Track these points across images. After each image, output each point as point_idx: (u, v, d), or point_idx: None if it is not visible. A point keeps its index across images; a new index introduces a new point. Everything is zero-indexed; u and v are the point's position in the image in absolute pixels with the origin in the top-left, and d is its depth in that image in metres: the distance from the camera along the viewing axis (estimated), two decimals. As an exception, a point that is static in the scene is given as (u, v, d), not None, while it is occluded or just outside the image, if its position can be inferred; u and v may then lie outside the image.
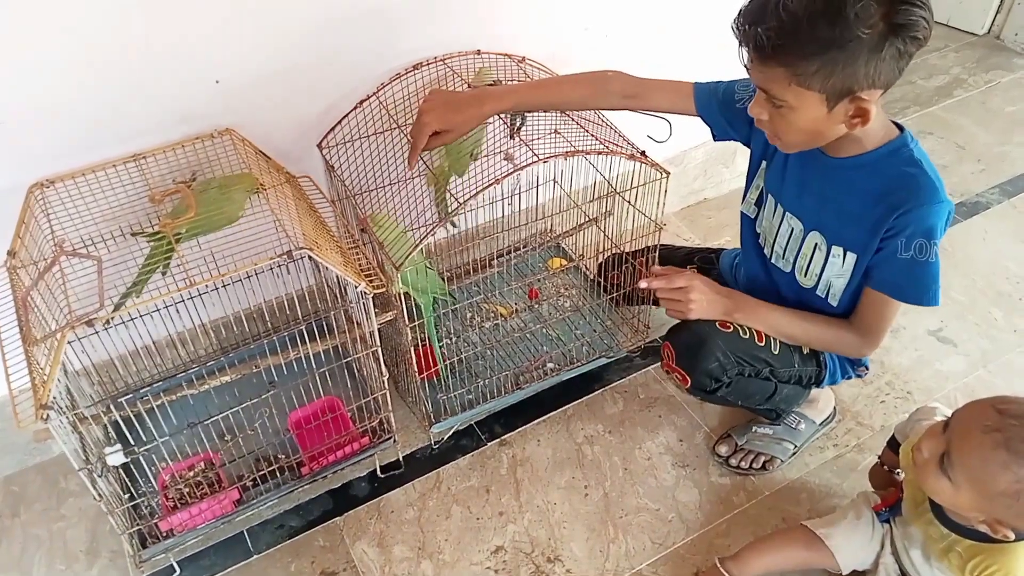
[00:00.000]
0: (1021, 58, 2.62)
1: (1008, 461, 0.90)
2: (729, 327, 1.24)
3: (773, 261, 1.30)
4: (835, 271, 1.19)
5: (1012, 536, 0.96)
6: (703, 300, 1.22)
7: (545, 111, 1.36)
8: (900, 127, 1.12)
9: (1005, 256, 1.86)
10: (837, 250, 1.18)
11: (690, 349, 1.25)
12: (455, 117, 1.22)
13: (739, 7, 1.01)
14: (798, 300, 1.27)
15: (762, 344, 1.25)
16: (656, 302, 1.30)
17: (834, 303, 1.23)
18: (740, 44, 1.01)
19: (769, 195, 1.28)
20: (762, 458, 1.41)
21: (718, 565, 1.22)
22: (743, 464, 1.41)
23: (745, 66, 1.04)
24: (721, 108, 1.28)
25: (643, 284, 1.24)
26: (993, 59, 2.62)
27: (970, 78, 2.52)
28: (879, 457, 1.31)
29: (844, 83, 0.97)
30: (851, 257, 1.16)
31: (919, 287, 1.12)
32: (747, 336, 1.24)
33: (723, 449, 1.43)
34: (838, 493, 1.39)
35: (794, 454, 1.42)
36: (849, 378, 1.37)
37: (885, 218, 1.09)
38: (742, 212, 1.36)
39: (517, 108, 1.30)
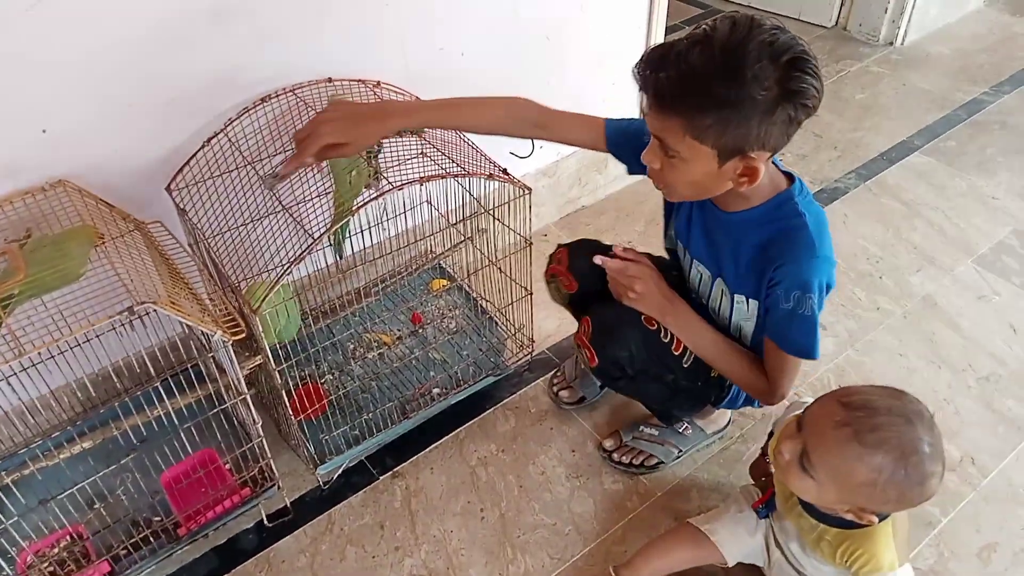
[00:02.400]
0: (866, 47, 2.79)
1: (862, 453, 0.93)
2: (653, 324, 1.23)
3: (694, 296, 1.31)
4: (742, 316, 1.21)
5: (876, 520, 1.00)
6: (645, 294, 1.21)
7: (450, 130, 1.33)
8: (791, 177, 1.13)
9: (864, 238, 1.96)
10: (740, 297, 1.19)
11: (606, 330, 1.24)
12: (355, 131, 1.15)
13: (635, 55, 1.01)
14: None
15: (677, 353, 1.24)
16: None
17: (748, 344, 1.24)
18: (640, 89, 1.01)
19: (679, 241, 1.30)
20: (643, 457, 1.43)
21: (612, 574, 1.23)
22: (624, 460, 1.43)
23: (642, 112, 1.04)
24: (633, 148, 1.25)
25: (597, 260, 1.22)
26: (842, 50, 2.78)
27: (823, 68, 2.64)
28: (761, 449, 1.34)
29: (735, 142, 0.98)
30: (753, 304, 1.18)
31: (797, 339, 1.12)
32: (667, 340, 1.23)
33: (608, 443, 1.45)
34: (726, 485, 1.42)
35: (677, 458, 1.44)
36: (749, 406, 1.39)
37: (767, 269, 1.11)
38: (667, 248, 1.37)
39: (422, 126, 1.27)
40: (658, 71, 0.98)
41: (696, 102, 0.96)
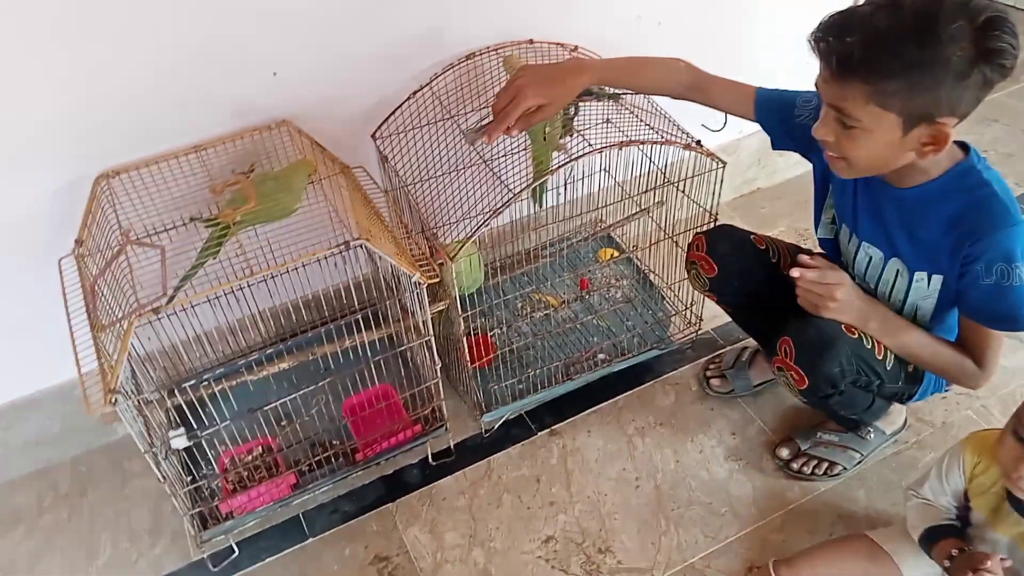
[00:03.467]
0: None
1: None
2: (855, 332, 1.16)
3: (857, 282, 1.23)
4: (921, 294, 1.15)
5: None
6: (845, 301, 1.13)
7: (623, 89, 1.34)
8: (965, 146, 1.07)
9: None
10: (920, 275, 1.14)
11: (814, 348, 1.16)
12: (556, 90, 1.16)
13: (819, 19, 0.97)
14: None
15: (880, 357, 1.17)
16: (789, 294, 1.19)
17: (928, 324, 1.18)
18: (820, 57, 0.97)
19: (843, 224, 1.24)
20: (824, 464, 1.37)
21: (770, 568, 1.20)
22: (804, 469, 1.37)
23: (817, 84, 1.00)
24: (781, 119, 1.24)
25: (795, 273, 1.13)
26: (1064, 42, 2.51)
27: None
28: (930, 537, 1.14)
29: (925, 107, 0.94)
30: (936, 279, 1.13)
31: (1007, 313, 1.07)
32: (870, 346, 1.17)
33: (784, 452, 1.39)
34: (896, 491, 1.35)
35: (859, 463, 1.38)
36: (937, 393, 1.32)
37: (961, 245, 1.06)
38: (819, 237, 1.32)
39: (606, 83, 1.28)
40: (842, 36, 0.93)
41: (884, 66, 0.91)
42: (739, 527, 1.32)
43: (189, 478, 1.26)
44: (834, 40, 0.94)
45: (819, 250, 1.37)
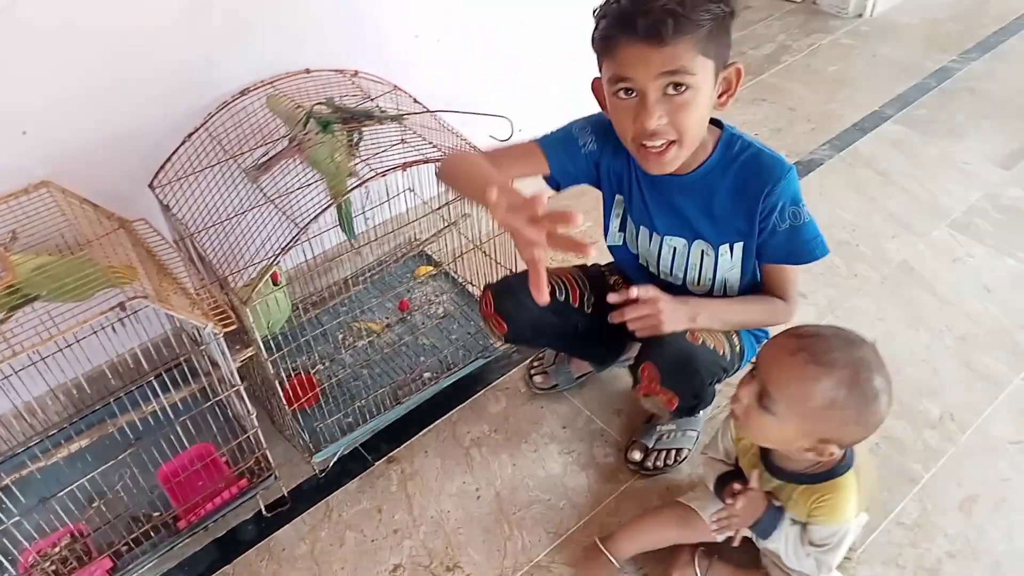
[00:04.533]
0: (836, 20, 2.82)
1: (819, 374, 0.96)
2: (698, 338, 1.19)
3: (663, 278, 1.30)
4: (726, 267, 1.23)
5: (838, 453, 1.02)
6: (670, 310, 1.15)
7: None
8: (718, 123, 1.17)
9: (840, 207, 1.99)
10: (724, 248, 1.21)
11: (677, 367, 1.19)
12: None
13: (597, 10, 1.02)
14: None
15: (722, 353, 1.23)
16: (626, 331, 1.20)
17: (737, 293, 1.26)
18: (635, 37, 0.98)
19: (640, 226, 1.28)
20: (673, 452, 1.43)
21: (598, 543, 1.26)
22: (658, 464, 1.42)
23: (625, 73, 1.01)
24: (571, 158, 1.25)
25: (616, 319, 1.16)
26: (812, 24, 2.81)
27: (794, 43, 2.69)
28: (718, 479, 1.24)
29: (725, 50, 1.03)
30: (738, 247, 1.20)
31: (806, 248, 1.17)
32: (712, 347, 1.21)
33: (636, 455, 1.43)
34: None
35: (698, 439, 1.46)
36: (748, 363, 1.36)
37: (755, 204, 1.15)
38: (609, 245, 1.35)
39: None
40: (653, 3, 0.97)
41: (698, 15, 0.98)
42: (578, 517, 1.37)
43: (-16, 586, 1.14)
44: (650, 11, 0.97)
45: (608, 257, 1.42)
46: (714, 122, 1.17)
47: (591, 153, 1.23)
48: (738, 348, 1.29)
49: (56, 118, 1.21)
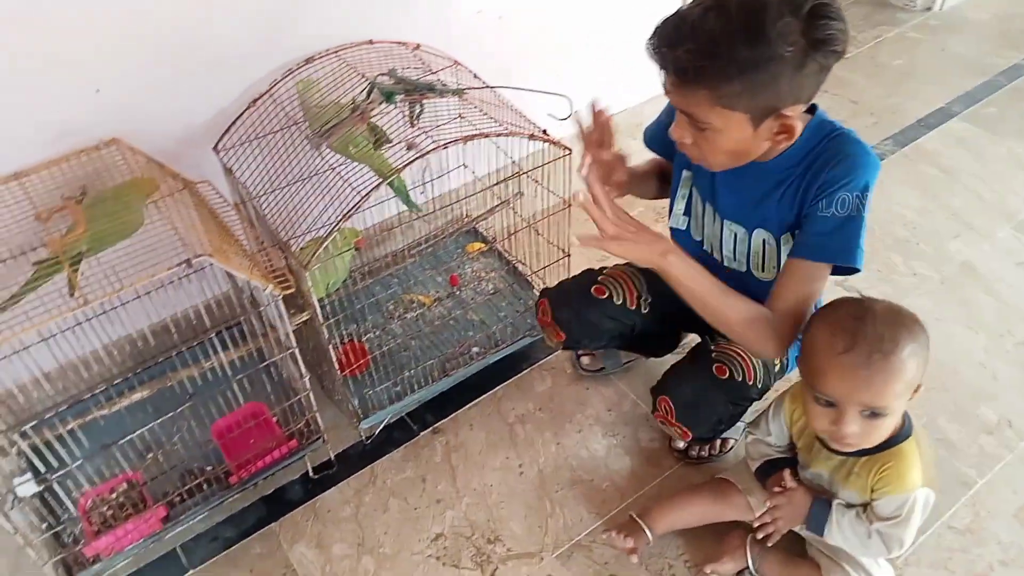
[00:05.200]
0: (904, 12, 2.74)
1: (897, 355, 0.96)
2: (725, 371, 1.19)
3: (726, 264, 1.26)
4: None
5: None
6: (627, 239, 1.08)
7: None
8: (811, 108, 1.08)
9: (901, 204, 1.95)
10: (786, 236, 1.15)
11: (692, 406, 1.21)
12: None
13: (653, 27, 0.97)
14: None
15: (751, 383, 1.20)
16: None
17: None
18: (659, 67, 0.98)
19: (705, 203, 1.25)
20: (718, 443, 1.42)
21: (634, 516, 1.26)
22: (702, 453, 1.41)
23: (665, 89, 1.01)
24: (667, 142, 1.22)
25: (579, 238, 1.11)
26: (878, 16, 2.73)
27: (858, 35, 2.62)
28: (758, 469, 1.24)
29: (768, 102, 0.96)
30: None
31: (843, 246, 1.05)
32: (740, 379, 1.19)
33: (680, 443, 1.42)
34: (761, 444, 1.44)
35: (744, 430, 1.43)
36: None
37: (812, 183, 1.06)
38: (671, 227, 1.32)
39: (631, 184, 1.28)
40: (675, 46, 0.93)
41: (721, 71, 0.92)
42: (620, 499, 1.37)
43: (45, 525, 1.18)
44: (668, 51, 0.94)
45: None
46: (809, 107, 1.08)
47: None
48: (777, 366, 1.26)
49: (128, 78, 1.24)
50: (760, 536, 1.16)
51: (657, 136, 1.28)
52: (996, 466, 1.38)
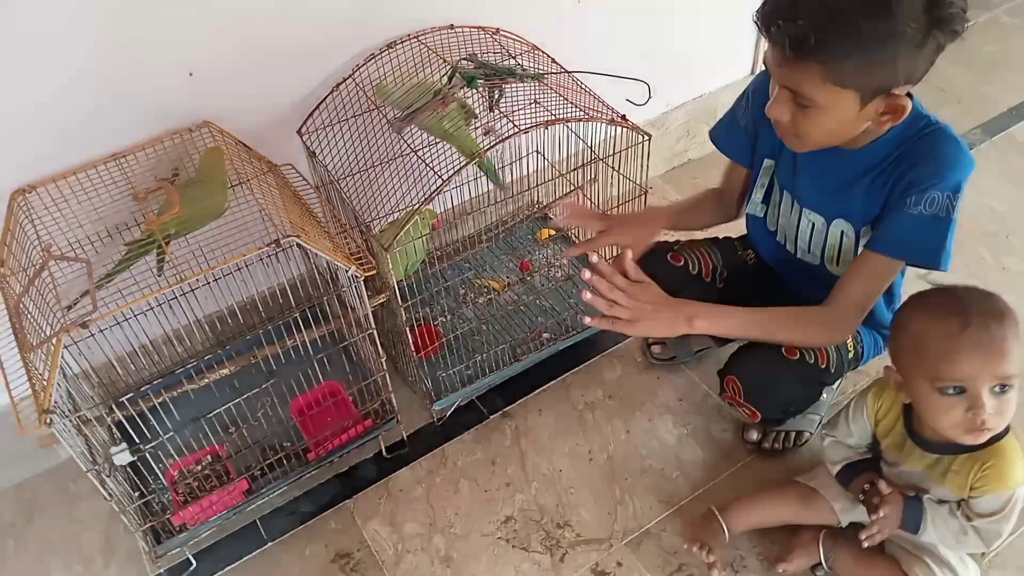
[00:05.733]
0: (997, -4, 2.61)
1: (997, 322, 0.97)
2: (796, 353, 1.16)
3: (799, 256, 1.25)
4: None
5: None
6: (647, 313, 1.09)
7: (688, 229, 1.44)
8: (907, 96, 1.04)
9: (990, 196, 1.87)
10: (865, 230, 1.13)
11: (760, 385, 1.20)
12: (632, 233, 1.29)
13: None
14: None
15: (824, 366, 1.18)
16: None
17: None
18: (769, 42, 0.95)
19: (784, 192, 1.23)
20: (792, 435, 1.39)
21: (713, 510, 1.25)
22: (776, 445, 1.38)
23: (766, 64, 0.99)
24: (742, 144, 1.25)
25: (587, 321, 1.14)
26: (969, -2, 2.61)
27: (947, 19, 2.51)
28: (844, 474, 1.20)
29: (883, 80, 0.94)
30: None
31: (929, 246, 1.04)
32: (812, 360, 1.17)
33: (753, 435, 1.39)
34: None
35: (820, 424, 1.41)
36: (876, 356, 1.32)
37: (902, 177, 1.04)
38: (748, 213, 1.32)
39: (675, 227, 1.39)
40: (793, 18, 0.91)
41: (840, 46, 0.90)
42: (691, 490, 1.36)
43: (137, 494, 1.23)
44: (785, 23, 0.91)
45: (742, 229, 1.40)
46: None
47: (748, 124, 1.20)
48: (852, 353, 1.23)
49: (220, 62, 1.27)
50: (865, 545, 1.12)
51: (733, 135, 1.26)
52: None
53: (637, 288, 1.12)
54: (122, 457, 1.15)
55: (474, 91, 1.28)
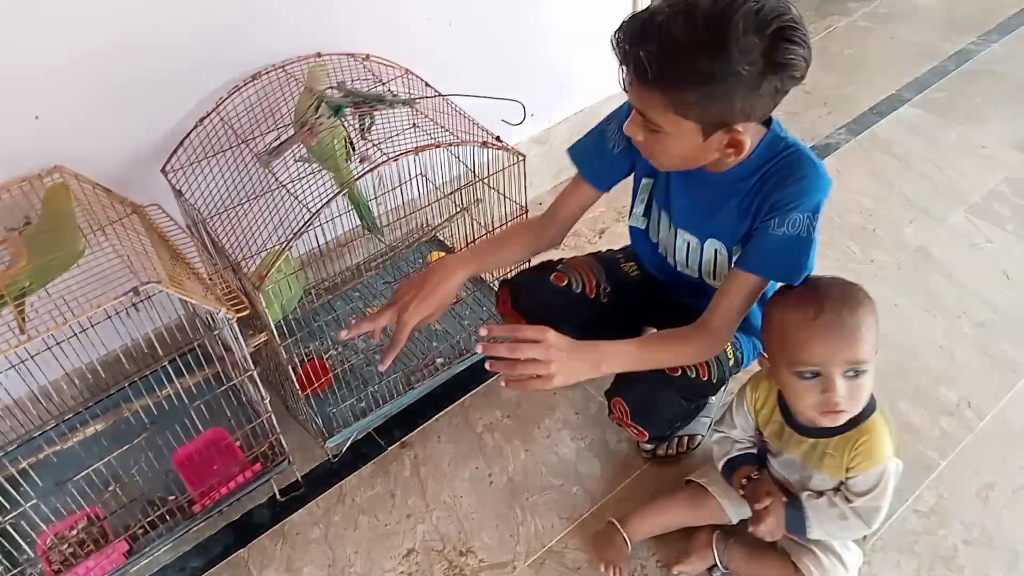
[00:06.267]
0: (854, 1, 2.77)
1: (855, 309, 1.03)
2: (678, 371, 1.19)
3: (679, 270, 1.28)
4: None
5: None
6: (563, 361, 1.06)
7: (493, 267, 1.42)
8: (766, 121, 1.09)
9: (857, 192, 1.97)
10: (737, 247, 1.17)
11: (646, 405, 1.22)
12: (434, 301, 1.16)
13: (619, 21, 0.97)
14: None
15: (705, 379, 1.21)
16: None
17: None
18: (620, 63, 0.98)
19: (661, 211, 1.26)
20: (685, 439, 1.42)
21: (614, 522, 1.27)
22: (671, 451, 1.41)
23: (623, 86, 1.01)
24: (608, 168, 1.26)
25: (479, 350, 1.09)
26: (830, 6, 2.77)
27: (810, 25, 2.61)
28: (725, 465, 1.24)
29: (720, 116, 0.97)
30: None
31: (788, 263, 1.08)
32: (694, 376, 1.20)
33: (648, 445, 1.41)
34: (728, 439, 1.45)
35: (711, 426, 1.44)
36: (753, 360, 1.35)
37: (765, 201, 1.08)
38: (631, 226, 1.33)
39: (479, 270, 1.29)
40: (639, 45, 0.93)
41: (679, 78, 0.93)
42: (591, 503, 1.37)
43: (2, 568, 1.15)
44: (631, 49, 0.94)
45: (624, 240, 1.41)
46: (764, 120, 1.08)
47: (624, 151, 1.22)
48: (732, 360, 1.26)
49: (68, 102, 1.21)
50: (735, 520, 1.19)
51: (595, 155, 1.27)
52: (957, 447, 1.40)
53: (546, 338, 1.07)
54: (-20, 532, 1.06)
55: (343, 120, 1.26)
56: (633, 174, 1.29)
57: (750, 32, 0.90)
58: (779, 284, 1.12)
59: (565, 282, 1.33)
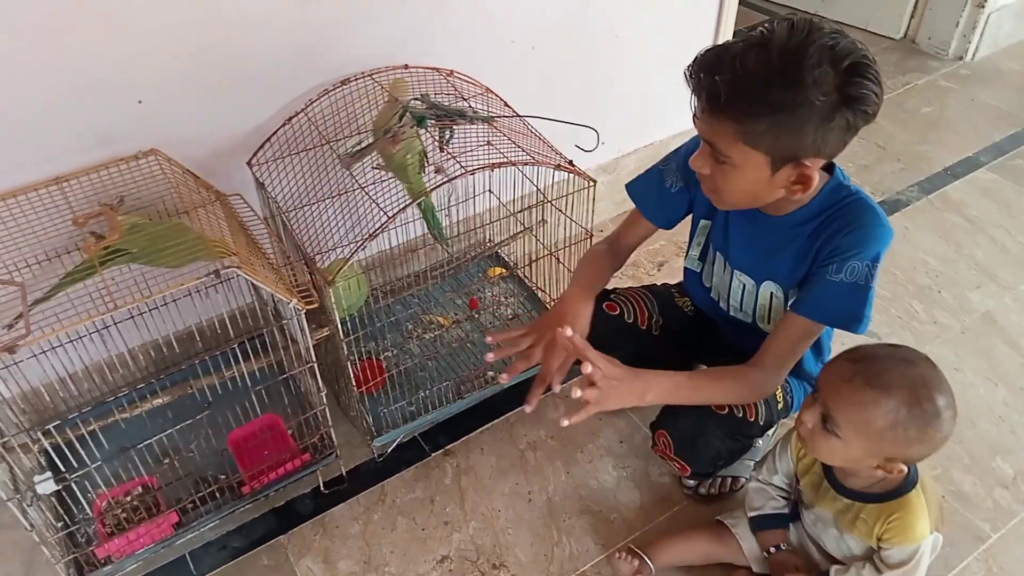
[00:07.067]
0: (935, 60, 2.75)
1: (877, 396, 0.97)
2: (724, 408, 1.19)
3: (732, 314, 1.28)
4: None
5: (905, 469, 1.04)
6: (610, 387, 1.09)
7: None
8: (830, 166, 1.10)
9: (924, 251, 1.94)
10: (793, 291, 1.17)
11: (689, 440, 1.22)
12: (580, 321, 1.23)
13: (684, 43, 1.00)
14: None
15: (752, 420, 1.21)
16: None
17: None
18: (692, 92, 0.99)
19: (717, 252, 1.27)
20: (728, 480, 1.41)
21: (633, 547, 1.27)
22: (712, 491, 1.40)
23: (694, 115, 1.02)
24: (665, 206, 1.28)
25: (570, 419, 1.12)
26: (909, 62, 2.74)
27: (888, 80, 2.63)
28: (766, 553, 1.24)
29: (790, 148, 0.97)
30: None
31: (848, 312, 1.08)
32: (741, 415, 1.20)
33: (691, 481, 1.41)
34: (772, 484, 1.43)
35: (755, 469, 1.44)
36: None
37: (824, 246, 1.08)
38: (686, 267, 1.35)
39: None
40: (712, 73, 0.95)
41: (751, 106, 0.94)
42: (627, 532, 1.36)
43: (61, 524, 1.20)
44: (705, 77, 0.96)
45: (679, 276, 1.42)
46: (827, 166, 1.09)
47: (680, 191, 1.24)
48: (781, 404, 1.26)
49: (170, 91, 1.27)
50: (756, 568, 1.18)
51: (652, 193, 1.30)
52: (1011, 521, 1.36)
53: (604, 364, 1.10)
54: (46, 486, 1.11)
55: (424, 131, 1.30)
56: (691, 215, 1.30)
57: (825, 63, 0.91)
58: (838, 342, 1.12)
59: (617, 311, 1.35)
